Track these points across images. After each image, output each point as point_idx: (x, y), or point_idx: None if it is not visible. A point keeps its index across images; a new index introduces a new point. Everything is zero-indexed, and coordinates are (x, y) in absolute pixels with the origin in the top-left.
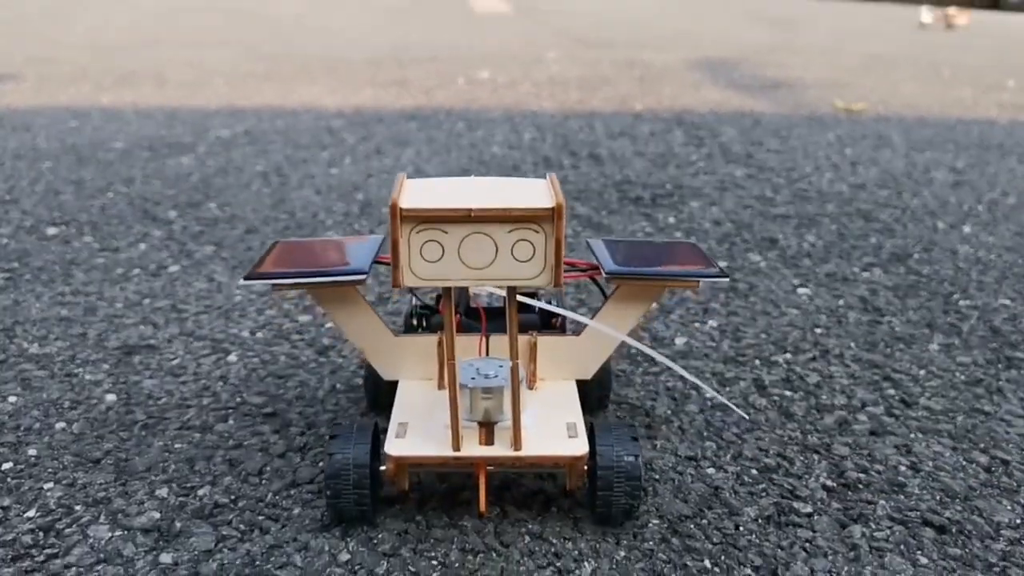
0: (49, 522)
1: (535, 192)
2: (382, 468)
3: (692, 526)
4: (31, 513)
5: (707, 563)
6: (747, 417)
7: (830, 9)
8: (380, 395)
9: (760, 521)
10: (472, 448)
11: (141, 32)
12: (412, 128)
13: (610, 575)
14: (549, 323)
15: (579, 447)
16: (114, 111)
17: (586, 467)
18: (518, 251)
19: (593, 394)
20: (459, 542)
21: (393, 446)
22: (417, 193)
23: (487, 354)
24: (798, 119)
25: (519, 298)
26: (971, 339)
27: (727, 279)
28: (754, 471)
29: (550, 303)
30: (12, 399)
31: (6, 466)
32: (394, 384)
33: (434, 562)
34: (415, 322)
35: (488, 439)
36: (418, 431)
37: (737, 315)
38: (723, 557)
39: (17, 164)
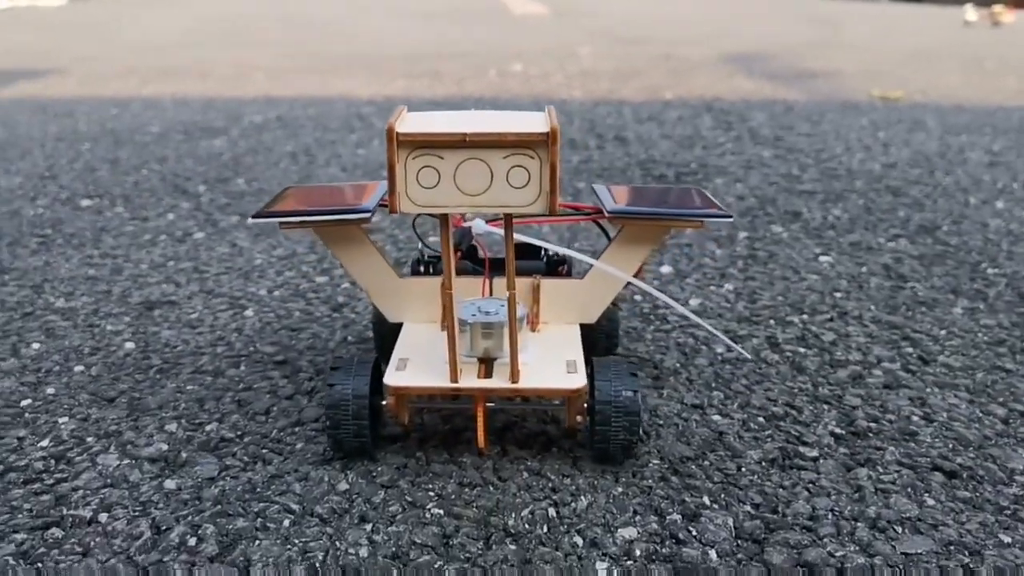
0: (61, 451)
1: (532, 121)
2: (383, 403)
3: (693, 467)
4: (44, 443)
5: (706, 500)
6: (749, 356)
7: (875, 10)
8: (387, 340)
9: (764, 464)
10: (470, 381)
11: (189, 34)
12: None
13: (606, 508)
14: (556, 272)
15: (576, 381)
16: (154, 100)
17: (586, 405)
18: (513, 177)
19: (600, 344)
20: (457, 476)
21: (392, 378)
22: (415, 121)
23: (491, 294)
24: (832, 106)
25: (527, 240)
26: (997, 304)
27: (730, 219)
28: (761, 419)
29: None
30: (35, 345)
31: (24, 403)
32: (400, 329)
33: (431, 493)
34: (423, 269)
35: (487, 374)
36: (418, 365)
37: (755, 280)
38: (723, 495)
39: (58, 145)
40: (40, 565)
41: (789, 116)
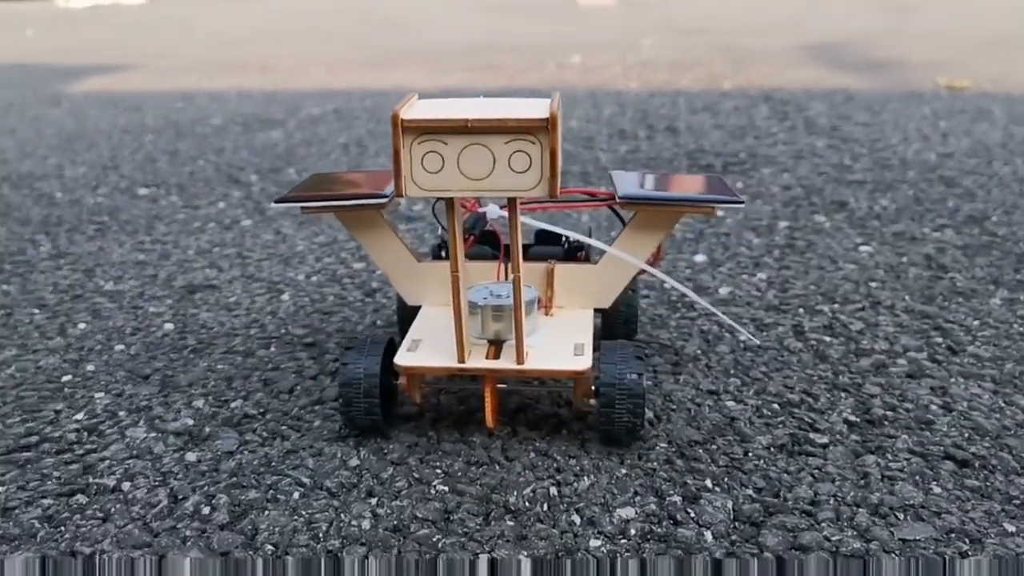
0: (93, 424)
1: (534, 107)
2: (397, 382)
3: (700, 451)
4: (79, 416)
5: (708, 483)
6: (757, 341)
7: None
8: (409, 323)
9: (772, 449)
10: (478, 361)
11: (257, 30)
12: None
13: (607, 488)
14: (574, 259)
15: (582, 363)
16: (218, 94)
17: (593, 388)
18: (515, 162)
19: (619, 329)
20: (466, 455)
21: (402, 358)
22: (422, 108)
23: (506, 279)
24: (895, 95)
25: (546, 227)
26: None
27: (741, 204)
28: (775, 405)
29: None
30: (81, 326)
31: (65, 378)
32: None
33: (438, 471)
34: (443, 254)
35: (496, 355)
36: (430, 346)
37: (789, 269)
38: (726, 479)
39: (124, 137)
40: (62, 528)
41: (849, 106)
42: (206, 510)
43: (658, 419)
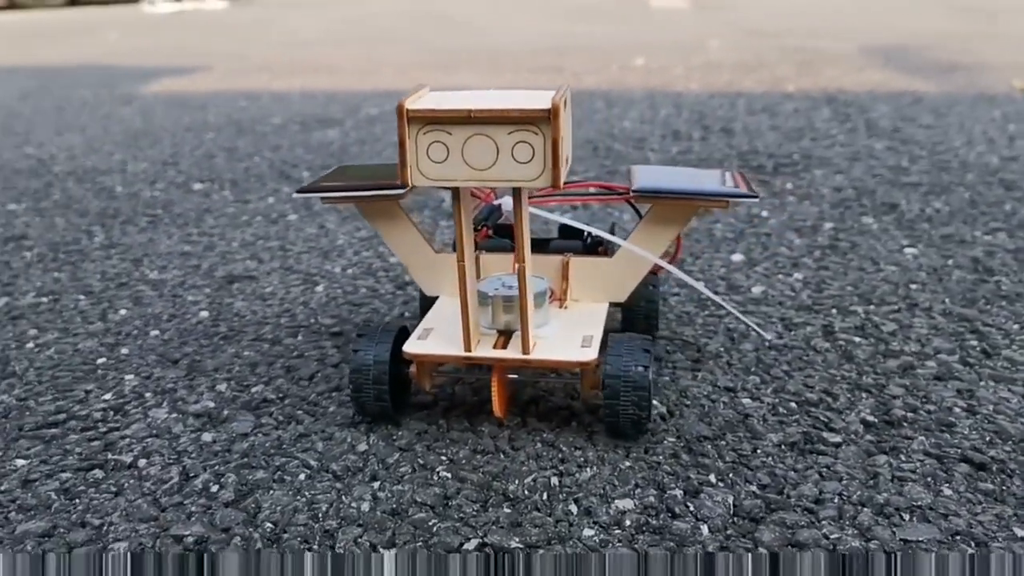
0: (119, 404)
1: (538, 98)
2: (409, 370)
3: (708, 446)
4: (107, 396)
5: (712, 478)
6: (768, 337)
7: None
8: None
9: (783, 447)
10: (485, 351)
11: (329, 33)
12: None
13: (608, 480)
14: (594, 254)
15: (587, 355)
16: (282, 94)
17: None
18: (518, 152)
19: (639, 324)
20: (472, 443)
21: (411, 345)
22: (429, 99)
23: None
24: (964, 98)
25: (568, 223)
26: None
27: (756, 199)
28: (792, 403)
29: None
30: (122, 312)
31: (100, 360)
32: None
33: (443, 458)
34: None
35: (504, 345)
36: (440, 335)
37: (827, 270)
38: (731, 474)
39: (186, 135)
40: (76, 500)
41: (915, 108)
42: (214, 488)
43: (670, 414)
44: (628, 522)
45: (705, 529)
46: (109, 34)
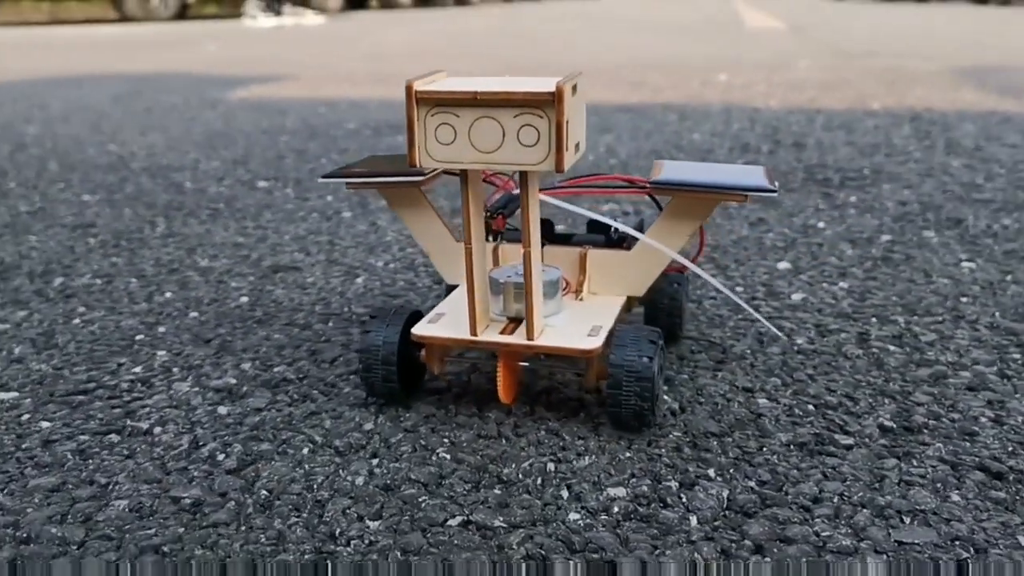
0: (147, 376)
1: (548, 83)
2: (420, 354)
3: (713, 442)
4: (137, 369)
5: (710, 472)
6: (779, 334)
7: None
8: None
9: (791, 447)
10: (491, 335)
11: (414, 47)
12: (622, 118)
13: (605, 468)
14: (618, 248)
15: (591, 343)
16: (360, 102)
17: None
18: (523, 136)
19: (661, 321)
20: (477, 428)
21: (420, 328)
22: (441, 82)
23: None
24: None
25: (595, 216)
26: None
27: (775, 193)
28: (810, 406)
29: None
30: (168, 294)
31: (138, 337)
32: None
33: (446, 440)
34: (488, 236)
35: (512, 331)
36: (450, 319)
37: (875, 280)
38: (731, 470)
39: (261, 137)
40: (89, 460)
41: (1002, 128)
42: (220, 456)
43: (682, 410)
44: (616, 509)
45: (694, 520)
46: (209, 46)
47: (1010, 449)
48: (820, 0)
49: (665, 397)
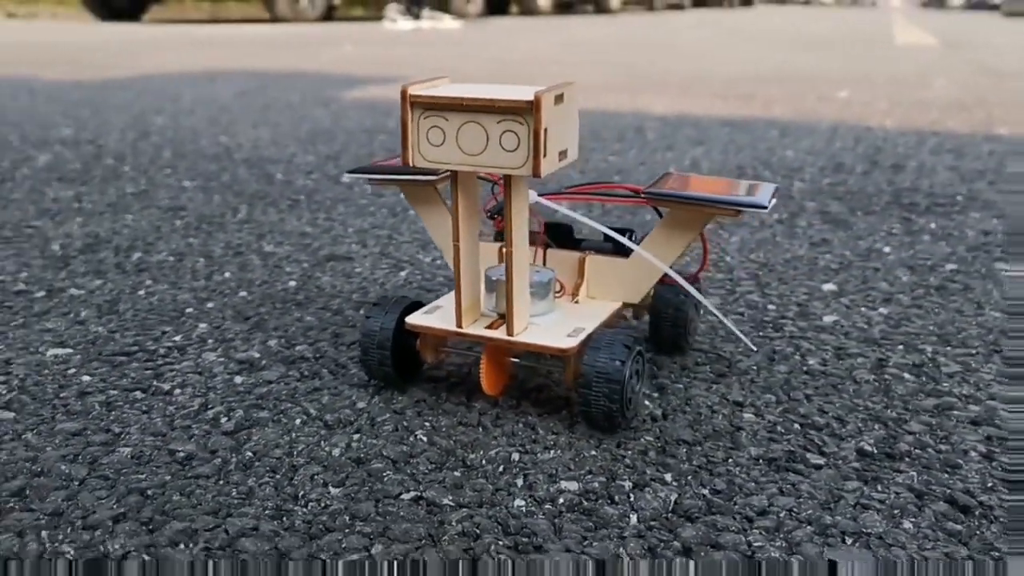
0: (183, 345)
1: (528, 91)
2: (417, 342)
3: (682, 450)
4: (177, 338)
5: (667, 477)
6: (754, 348)
7: None
8: None
9: (760, 461)
10: (475, 329)
11: (539, 54)
12: (721, 132)
13: (565, 463)
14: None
15: (567, 343)
16: None
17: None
18: (505, 141)
19: (665, 331)
20: (460, 416)
21: (413, 318)
22: (436, 88)
23: (544, 265)
24: None
25: (605, 229)
26: None
27: (765, 210)
28: (796, 425)
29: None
30: (227, 274)
31: (188, 310)
32: None
33: (427, 424)
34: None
35: (498, 327)
36: (445, 312)
37: (919, 308)
38: (689, 477)
39: (360, 136)
40: (112, 412)
41: None
42: (223, 420)
43: (664, 417)
44: (562, 500)
45: (634, 518)
46: (345, 47)
47: (988, 485)
48: (1000, 19)
49: (647, 403)
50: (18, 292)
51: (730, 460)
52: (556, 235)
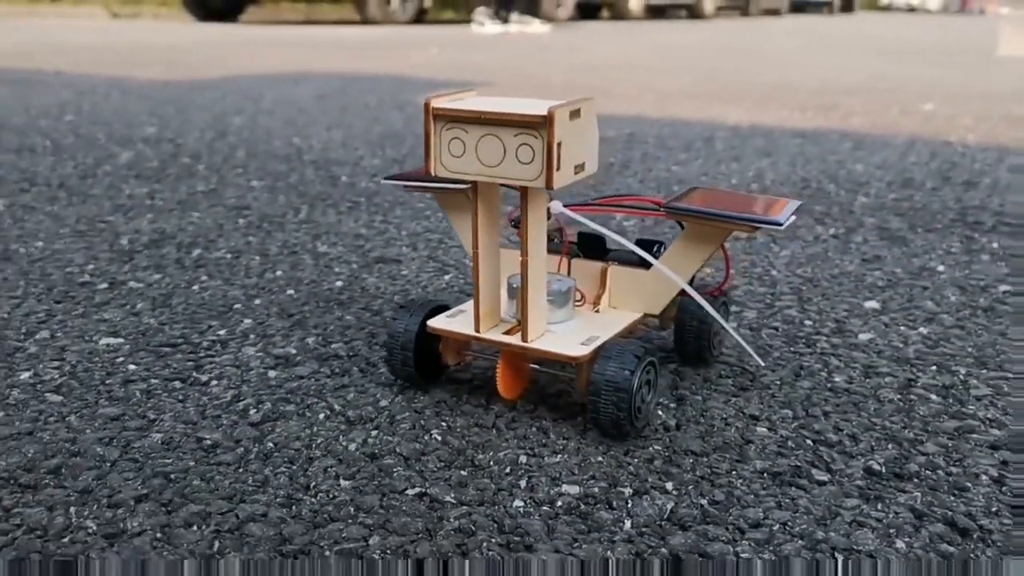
0: (226, 339)
1: (546, 105)
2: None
3: (688, 460)
4: (221, 332)
5: (668, 486)
6: (762, 363)
7: None
8: None
9: (764, 474)
10: (493, 334)
11: (622, 60)
12: (791, 143)
13: (570, 468)
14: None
15: (578, 351)
16: None
17: None
18: (521, 154)
19: (689, 344)
20: (477, 418)
21: (435, 321)
22: (460, 101)
23: (568, 274)
24: None
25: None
26: None
27: (780, 227)
28: (808, 440)
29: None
30: (279, 272)
31: (236, 306)
32: None
33: (443, 424)
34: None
35: (515, 333)
36: (467, 316)
37: (961, 329)
38: (690, 487)
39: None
40: (151, 400)
41: None
42: (251, 412)
43: (677, 427)
44: (560, 503)
45: (628, 524)
46: (431, 49)
47: (993, 509)
48: None
49: (662, 413)
50: (83, 283)
51: (734, 472)
52: (589, 245)
